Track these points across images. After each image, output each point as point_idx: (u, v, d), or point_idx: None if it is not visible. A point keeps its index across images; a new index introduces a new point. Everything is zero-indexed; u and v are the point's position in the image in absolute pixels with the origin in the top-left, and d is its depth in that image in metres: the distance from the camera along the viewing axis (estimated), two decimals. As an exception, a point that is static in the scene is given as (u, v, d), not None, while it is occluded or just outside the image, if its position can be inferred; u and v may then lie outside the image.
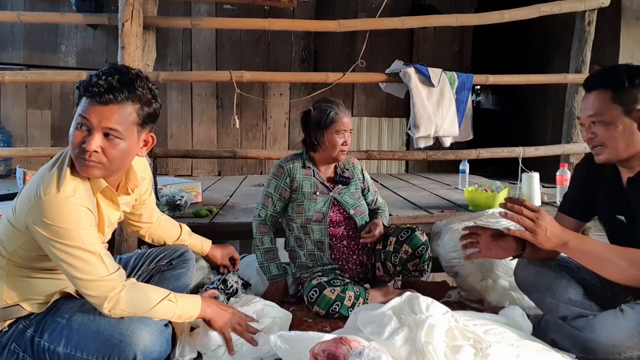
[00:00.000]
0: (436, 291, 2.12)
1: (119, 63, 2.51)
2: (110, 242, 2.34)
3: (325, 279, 1.90)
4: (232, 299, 1.76)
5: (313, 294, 1.86)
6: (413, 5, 5.17)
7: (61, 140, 4.65)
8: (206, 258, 1.98)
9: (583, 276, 1.59)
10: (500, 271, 2.03)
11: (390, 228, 2.12)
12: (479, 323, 1.41)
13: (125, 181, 1.48)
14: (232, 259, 1.99)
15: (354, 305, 1.83)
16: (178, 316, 1.40)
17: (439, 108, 2.80)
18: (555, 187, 2.97)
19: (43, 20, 3.87)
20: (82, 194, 1.28)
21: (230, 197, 3.32)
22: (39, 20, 3.72)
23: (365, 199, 2.20)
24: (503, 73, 3.09)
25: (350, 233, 2.07)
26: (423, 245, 1.97)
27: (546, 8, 2.87)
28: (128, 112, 1.28)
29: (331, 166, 2.15)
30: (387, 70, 2.88)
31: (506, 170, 4.07)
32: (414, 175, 5.05)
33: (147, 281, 1.70)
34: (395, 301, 1.42)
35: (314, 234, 2.03)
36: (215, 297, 1.67)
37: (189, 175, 4.92)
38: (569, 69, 3.04)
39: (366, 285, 2.08)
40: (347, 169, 2.17)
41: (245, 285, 1.93)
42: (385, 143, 5.36)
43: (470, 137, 3.02)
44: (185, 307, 1.41)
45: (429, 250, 2.00)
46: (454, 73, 2.89)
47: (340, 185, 2.11)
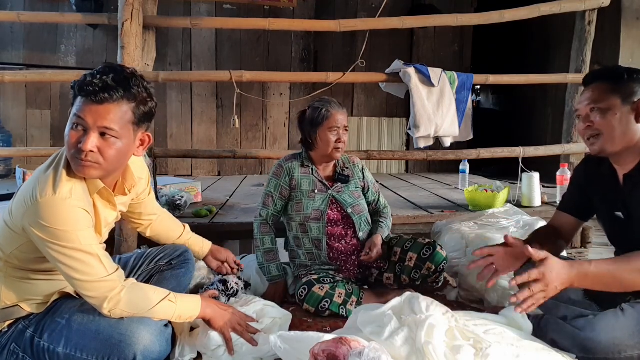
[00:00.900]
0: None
1: (119, 63, 2.50)
2: (109, 242, 2.36)
3: (316, 276, 1.91)
4: (232, 299, 1.76)
5: (302, 292, 1.87)
6: (413, 5, 5.17)
7: (61, 140, 4.54)
8: (204, 261, 1.97)
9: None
10: (500, 271, 2.03)
11: (395, 238, 2.10)
12: (479, 323, 1.41)
13: (122, 181, 1.46)
14: (237, 263, 1.94)
15: (345, 302, 1.84)
16: (178, 316, 1.39)
17: (439, 108, 2.79)
18: (556, 187, 2.97)
19: (43, 20, 3.87)
20: (79, 196, 1.27)
21: (230, 197, 3.32)
22: (38, 20, 3.72)
23: (365, 198, 2.18)
24: (503, 73, 3.08)
25: (349, 232, 2.06)
26: (445, 261, 1.97)
27: (546, 8, 2.87)
28: (124, 111, 1.26)
29: (330, 165, 2.15)
30: (387, 70, 2.88)
31: (506, 170, 4.07)
32: (414, 175, 5.05)
33: (147, 281, 1.70)
34: (396, 301, 1.42)
35: (312, 232, 2.03)
36: (216, 298, 1.67)
37: (188, 175, 4.92)
38: (569, 68, 3.04)
39: (364, 286, 2.07)
40: (347, 168, 2.17)
41: (246, 285, 1.93)
42: (385, 143, 5.36)
43: (471, 137, 3.01)
44: (185, 307, 1.41)
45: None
46: (454, 73, 2.88)
47: (339, 184, 2.10)
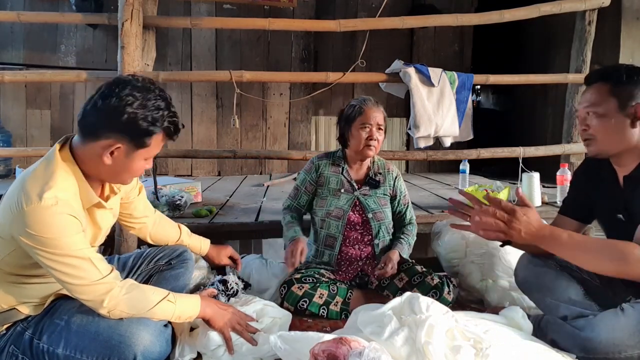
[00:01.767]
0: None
1: (119, 63, 2.51)
2: (109, 242, 2.36)
3: (298, 276, 1.92)
4: (232, 299, 1.76)
5: (282, 290, 1.90)
6: (413, 5, 5.16)
7: None
8: (205, 258, 1.98)
9: (583, 276, 1.59)
10: (500, 271, 2.03)
11: (406, 263, 2.03)
12: (479, 323, 1.40)
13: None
14: (233, 259, 1.97)
15: (327, 303, 1.85)
16: (177, 316, 1.39)
17: (439, 108, 2.79)
18: (556, 187, 2.97)
19: (43, 20, 3.86)
20: (65, 202, 1.24)
21: (230, 197, 3.32)
22: (38, 20, 3.72)
23: (392, 207, 2.14)
24: (503, 73, 3.08)
25: (365, 239, 2.06)
26: (450, 304, 1.86)
27: (546, 8, 2.87)
28: None
29: (364, 167, 2.14)
30: (387, 70, 2.88)
31: (506, 170, 4.06)
32: (414, 175, 5.04)
33: (146, 281, 1.70)
34: (396, 301, 1.42)
35: (330, 229, 2.04)
36: (215, 297, 1.67)
37: (188, 175, 4.92)
38: (570, 68, 3.04)
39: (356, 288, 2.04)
40: (381, 173, 2.14)
41: (246, 285, 1.93)
42: (385, 143, 5.31)
43: (471, 137, 3.01)
44: (184, 307, 1.41)
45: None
46: (454, 73, 2.88)
47: (367, 187, 2.09)
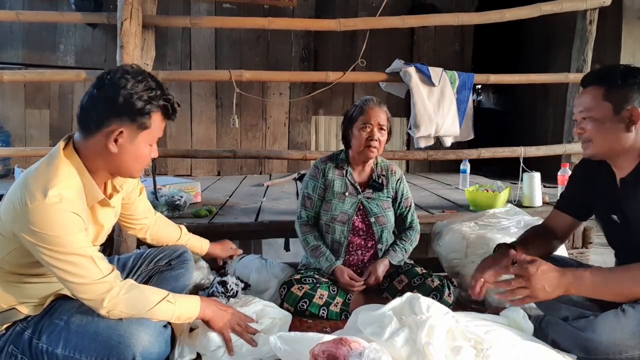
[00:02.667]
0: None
1: (118, 62, 2.50)
2: (109, 243, 2.36)
3: (298, 276, 1.92)
4: (232, 299, 1.76)
5: (282, 291, 1.90)
6: (413, 4, 5.15)
7: (59, 140, 4.62)
8: (206, 257, 1.97)
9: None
10: (501, 271, 2.02)
11: (406, 265, 2.04)
12: (479, 324, 1.40)
13: (112, 179, 1.46)
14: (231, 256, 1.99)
15: (327, 304, 1.86)
16: (177, 317, 1.39)
17: (440, 107, 2.79)
18: (557, 187, 2.96)
19: (42, 20, 3.85)
20: (70, 199, 1.24)
21: (230, 197, 3.31)
22: (37, 19, 3.71)
23: (394, 209, 2.13)
24: (504, 72, 3.07)
25: (369, 244, 2.05)
26: (450, 306, 1.84)
27: (547, 7, 2.86)
28: None
29: (367, 169, 2.13)
30: (388, 70, 2.87)
31: (507, 170, 4.05)
32: (414, 175, 5.03)
33: (146, 282, 1.69)
34: (396, 302, 1.42)
35: (335, 234, 2.03)
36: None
37: (188, 175, 4.91)
38: (571, 68, 3.03)
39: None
40: (384, 175, 2.13)
41: (245, 286, 1.93)
42: (386, 143, 5.34)
43: (471, 137, 3.01)
44: (184, 308, 1.40)
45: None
46: (454, 72, 2.88)
47: (370, 190, 2.08)
